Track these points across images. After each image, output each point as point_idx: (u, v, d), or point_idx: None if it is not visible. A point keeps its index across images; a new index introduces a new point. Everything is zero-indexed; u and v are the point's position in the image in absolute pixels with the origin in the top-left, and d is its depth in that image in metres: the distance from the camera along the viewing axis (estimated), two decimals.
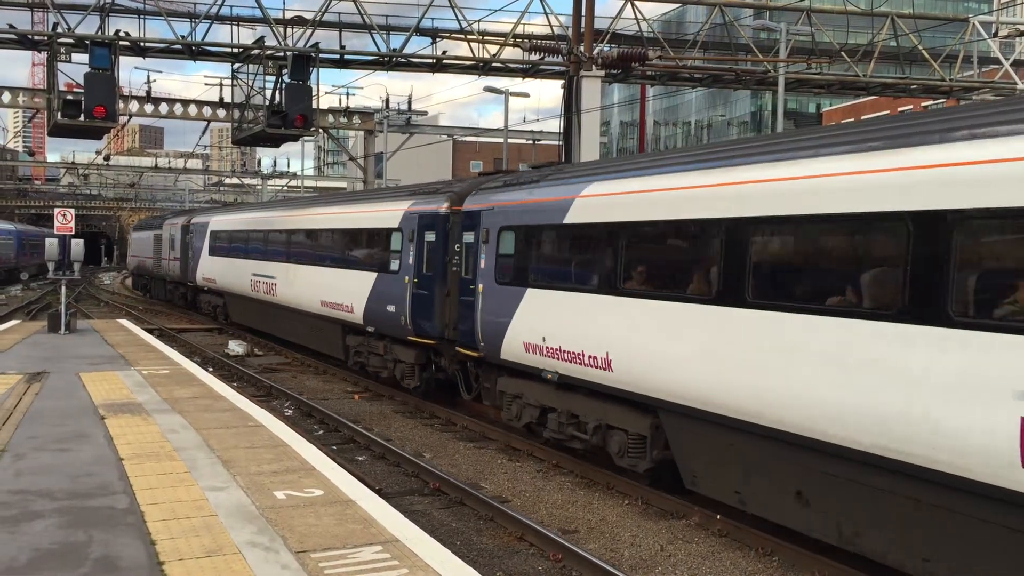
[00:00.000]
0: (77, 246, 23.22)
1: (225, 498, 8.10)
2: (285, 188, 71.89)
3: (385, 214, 18.46)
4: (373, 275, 18.46)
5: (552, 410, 12.69)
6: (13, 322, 27.58)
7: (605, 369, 11.02)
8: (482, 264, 14.33)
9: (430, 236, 16.43)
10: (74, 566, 6.36)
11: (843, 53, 31.01)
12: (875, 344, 7.43)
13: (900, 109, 49.57)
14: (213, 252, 31.60)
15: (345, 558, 6.60)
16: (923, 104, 43.38)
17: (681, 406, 9.81)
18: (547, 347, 12.22)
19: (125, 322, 27.58)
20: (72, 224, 22.99)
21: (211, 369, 20.17)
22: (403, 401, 17.91)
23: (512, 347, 13.23)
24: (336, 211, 21.79)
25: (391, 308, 17.42)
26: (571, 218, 11.95)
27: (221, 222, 31.58)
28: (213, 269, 31.56)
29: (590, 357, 11.30)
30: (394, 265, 17.57)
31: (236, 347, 25.33)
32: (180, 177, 75.48)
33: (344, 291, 19.72)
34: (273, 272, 24.83)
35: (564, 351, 11.84)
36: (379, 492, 9.67)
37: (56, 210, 23.63)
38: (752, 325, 8.74)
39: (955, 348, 6.75)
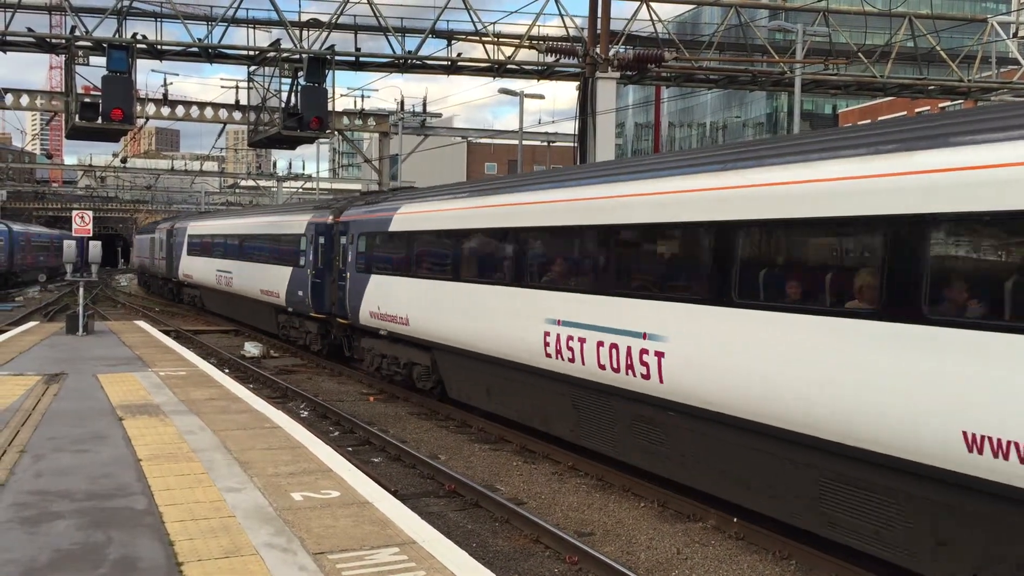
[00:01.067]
0: (95, 248, 23.37)
1: (243, 499, 8.13)
2: (300, 190, 72.15)
3: (296, 223, 24.61)
4: (290, 269, 24.51)
5: (386, 356, 18.68)
6: (31, 323, 27.79)
7: (407, 325, 16.99)
8: (349, 259, 20.10)
9: (322, 240, 22.41)
10: (93, 567, 6.39)
11: (860, 54, 30.86)
12: (509, 299, 13.43)
13: (918, 110, 49.28)
14: (190, 252, 37.92)
15: (362, 560, 6.61)
16: (940, 105, 43.13)
17: (441, 345, 15.79)
18: (381, 313, 18.14)
19: (142, 323, 27.74)
20: (90, 226, 23.16)
21: (227, 371, 20.25)
22: (419, 403, 17.95)
23: (365, 315, 19.08)
24: (269, 220, 28.39)
25: (300, 293, 23.59)
26: (391, 227, 17.93)
27: (196, 227, 37.89)
28: (190, 266, 37.99)
29: (400, 318, 17.25)
30: (302, 261, 23.52)
31: (252, 349, 25.43)
32: (196, 179, 75.83)
33: (273, 281, 26.09)
34: (230, 268, 31.09)
35: (389, 315, 17.76)
36: (395, 494, 9.68)
37: (74, 212, 23.81)
38: (462, 292, 14.92)
39: (525, 297, 12.96)
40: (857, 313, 7.87)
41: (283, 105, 27.36)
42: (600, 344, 11.04)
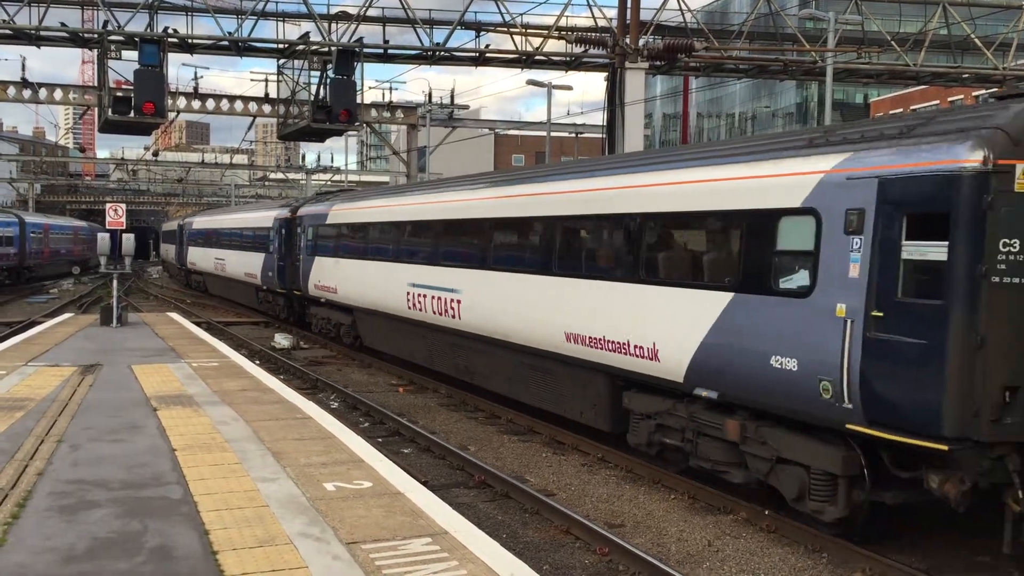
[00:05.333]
0: (128, 240, 23.61)
1: (276, 489, 8.21)
2: (329, 182, 72.51)
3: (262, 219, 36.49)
4: (262, 255, 31.47)
5: (326, 319, 25.48)
6: (66, 315, 28.17)
7: (335, 293, 23.47)
8: (301, 245, 26.52)
9: (283, 231, 29.00)
10: (131, 555, 6.48)
11: (893, 42, 30.45)
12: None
13: (951, 99, 48.59)
14: (164, 241, 61.51)
15: (395, 550, 6.65)
16: (975, 94, 42.48)
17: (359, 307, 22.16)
18: (322, 286, 25.19)
19: (174, 315, 28.03)
20: (123, 219, 23.38)
21: (258, 362, 20.42)
22: (448, 395, 18.00)
23: (311, 288, 25.58)
24: (234, 217, 37.90)
25: (270, 273, 29.85)
26: (328, 220, 24.21)
27: (165, 226, 63.64)
28: (166, 251, 60.03)
29: (331, 288, 23.71)
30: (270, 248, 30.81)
31: (282, 340, 25.61)
32: (226, 172, 76.50)
33: (246, 264, 33.47)
34: (218, 254, 39.26)
35: (326, 287, 24.55)
36: (425, 484, 9.71)
37: (108, 205, 24.06)
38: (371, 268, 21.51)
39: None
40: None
41: (312, 98, 27.47)
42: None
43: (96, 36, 27.03)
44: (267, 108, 32.96)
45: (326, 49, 27.28)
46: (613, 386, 12.10)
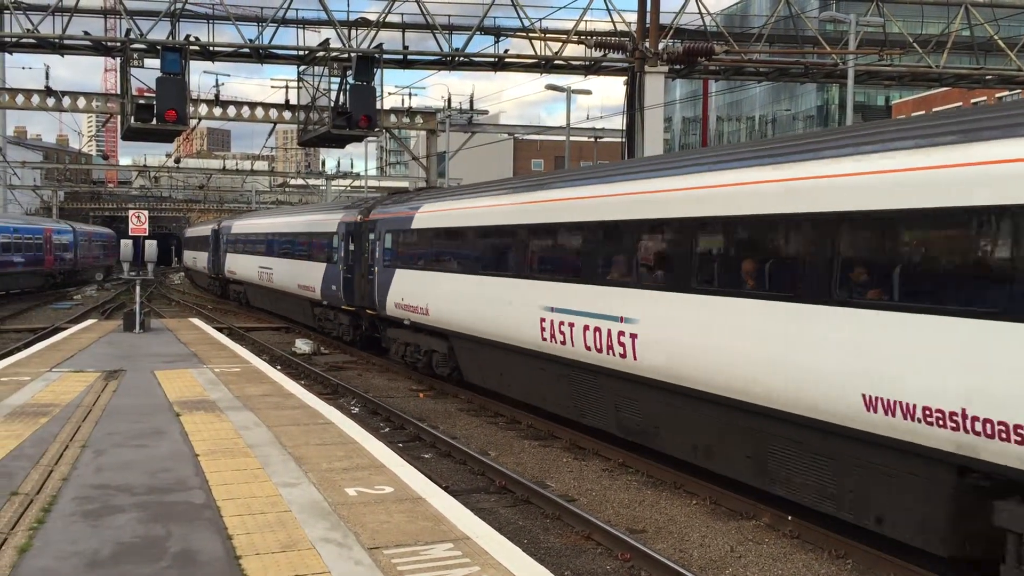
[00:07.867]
0: (150, 247, 23.78)
1: (298, 494, 8.23)
2: (348, 188, 72.88)
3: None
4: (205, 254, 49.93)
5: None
6: (89, 321, 28.41)
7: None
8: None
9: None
10: (154, 560, 6.52)
11: (915, 44, 30.22)
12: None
13: (973, 101, 48.18)
14: (185, 248, 70.18)
15: (417, 555, 6.65)
16: (998, 95, 42.12)
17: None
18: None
19: (196, 321, 28.21)
20: (146, 225, 23.57)
21: (279, 367, 20.51)
22: (468, 400, 18.00)
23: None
24: (198, 229, 58.37)
25: (210, 265, 47.56)
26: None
27: (189, 232, 69.70)
28: (186, 256, 67.96)
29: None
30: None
31: (303, 345, 25.73)
32: (247, 178, 76.95)
33: (201, 260, 49.52)
34: (194, 255, 56.35)
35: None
36: (446, 490, 9.71)
37: (130, 212, 24.26)
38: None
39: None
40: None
41: (332, 104, 27.57)
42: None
43: (119, 44, 27.25)
44: (287, 114, 33.05)
45: (346, 55, 27.37)
46: (311, 306, 28.17)
